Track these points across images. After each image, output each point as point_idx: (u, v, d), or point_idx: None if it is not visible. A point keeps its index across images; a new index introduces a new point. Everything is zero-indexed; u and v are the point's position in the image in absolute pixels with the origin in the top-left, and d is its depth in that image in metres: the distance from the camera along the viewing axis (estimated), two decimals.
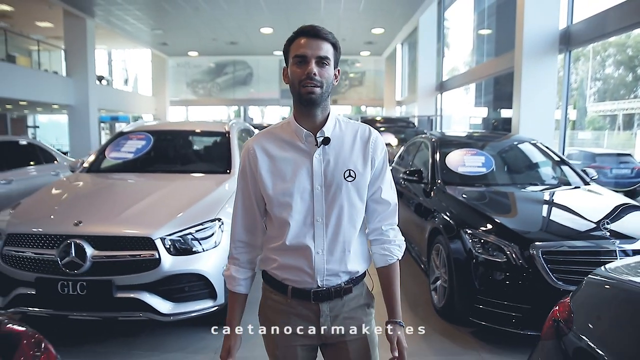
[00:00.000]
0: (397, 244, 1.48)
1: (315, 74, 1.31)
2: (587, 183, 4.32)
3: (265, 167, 1.40)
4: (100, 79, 16.81)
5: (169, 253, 2.98)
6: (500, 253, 3.13)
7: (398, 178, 4.94)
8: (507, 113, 8.84)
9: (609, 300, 1.54)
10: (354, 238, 1.41)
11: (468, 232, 3.36)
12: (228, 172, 4.19)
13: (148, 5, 13.31)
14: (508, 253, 3.09)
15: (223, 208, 3.42)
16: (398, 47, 19.22)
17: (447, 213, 3.77)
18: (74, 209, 3.31)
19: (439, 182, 4.29)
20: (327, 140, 1.37)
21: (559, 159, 4.75)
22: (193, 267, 3.04)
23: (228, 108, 24.54)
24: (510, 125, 8.17)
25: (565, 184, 4.36)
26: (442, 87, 14.59)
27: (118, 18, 14.42)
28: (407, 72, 19.08)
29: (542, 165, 4.80)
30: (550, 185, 4.40)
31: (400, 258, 1.50)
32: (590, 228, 3.23)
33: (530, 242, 3.06)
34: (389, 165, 1.51)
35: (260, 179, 1.40)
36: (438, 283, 3.71)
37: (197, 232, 3.13)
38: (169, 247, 3.00)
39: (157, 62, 22.21)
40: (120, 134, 4.69)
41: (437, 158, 4.53)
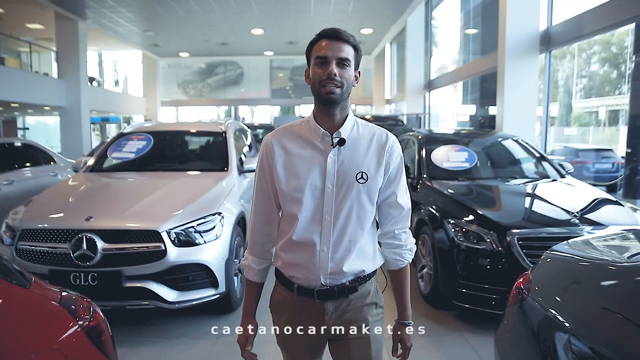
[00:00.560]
0: (408, 248, 1.51)
1: (336, 75, 1.33)
2: (563, 176, 4.61)
3: (281, 162, 1.43)
4: (92, 81, 16.83)
5: (174, 245, 3.20)
6: (481, 240, 3.39)
7: None
8: (493, 110, 9.09)
9: (558, 271, 1.82)
10: (361, 238, 1.42)
11: (451, 222, 3.61)
12: (225, 169, 4.39)
13: (140, 8, 13.40)
14: (488, 240, 3.35)
15: (222, 203, 3.65)
16: (387, 46, 19.45)
17: (432, 206, 4.03)
18: (84, 206, 3.52)
19: (425, 176, 4.55)
20: (342, 141, 1.39)
21: (539, 155, 5.03)
22: (196, 257, 3.27)
23: (218, 108, 24.60)
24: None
25: (544, 177, 4.64)
26: (430, 85, 14.81)
27: (110, 20, 14.49)
28: (395, 71, 19.28)
29: (522, 160, 5.07)
30: (529, 179, 4.67)
31: (411, 261, 1.54)
32: (563, 216, 3.50)
33: (507, 229, 3.31)
34: None
35: (276, 174, 1.43)
36: (424, 271, 3.97)
37: (199, 225, 3.36)
38: (174, 239, 3.22)
39: (148, 63, 22.24)
40: (121, 135, 4.88)
41: (423, 154, 4.78)
